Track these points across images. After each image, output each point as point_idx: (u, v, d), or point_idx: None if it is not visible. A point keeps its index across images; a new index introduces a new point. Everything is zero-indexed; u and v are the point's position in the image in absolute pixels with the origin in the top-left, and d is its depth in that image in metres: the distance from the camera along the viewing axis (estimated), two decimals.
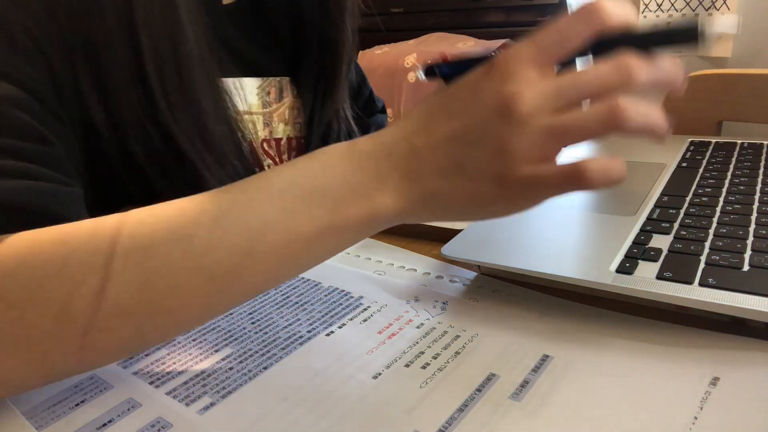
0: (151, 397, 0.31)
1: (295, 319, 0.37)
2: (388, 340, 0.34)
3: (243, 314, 0.38)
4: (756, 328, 0.32)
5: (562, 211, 0.47)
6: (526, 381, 0.30)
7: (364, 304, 0.39)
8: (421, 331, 0.35)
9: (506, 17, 2.11)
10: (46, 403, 0.31)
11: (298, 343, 0.35)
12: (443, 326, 0.36)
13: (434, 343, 0.34)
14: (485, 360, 0.32)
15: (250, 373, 0.32)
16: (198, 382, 0.32)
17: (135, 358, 0.34)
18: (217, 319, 0.37)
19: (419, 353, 0.33)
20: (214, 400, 0.30)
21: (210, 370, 0.32)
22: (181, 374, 0.32)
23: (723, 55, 0.82)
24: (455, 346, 0.33)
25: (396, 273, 0.43)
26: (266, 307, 0.39)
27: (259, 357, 0.33)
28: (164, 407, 0.30)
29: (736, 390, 0.28)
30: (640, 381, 0.29)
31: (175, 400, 0.30)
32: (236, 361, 0.33)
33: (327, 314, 0.38)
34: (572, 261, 0.39)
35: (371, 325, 0.36)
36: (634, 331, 0.34)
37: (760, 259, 0.35)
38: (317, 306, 0.39)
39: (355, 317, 0.37)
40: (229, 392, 0.31)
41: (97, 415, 0.29)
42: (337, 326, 0.36)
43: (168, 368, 0.33)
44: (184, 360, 0.34)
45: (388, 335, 0.35)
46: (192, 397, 0.30)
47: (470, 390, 0.30)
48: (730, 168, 0.53)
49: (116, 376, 0.33)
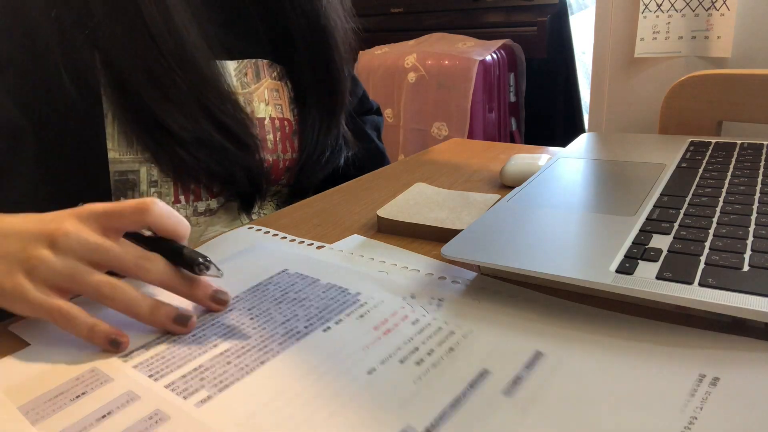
0: (149, 390, 0.31)
1: (292, 314, 0.38)
2: (384, 336, 0.35)
3: (243, 310, 0.39)
4: (756, 328, 0.32)
5: (562, 211, 0.47)
6: (518, 377, 0.30)
7: (361, 300, 0.39)
8: (417, 328, 0.35)
9: (506, 17, 2.11)
10: (46, 395, 0.31)
11: (296, 339, 0.35)
12: (438, 323, 0.36)
13: (429, 340, 0.34)
14: (479, 356, 0.32)
15: (247, 368, 0.32)
16: (196, 375, 0.32)
17: (135, 352, 0.34)
18: (218, 315, 0.38)
19: (414, 349, 0.33)
20: (212, 393, 0.30)
21: (208, 365, 0.33)
22: (180, 368, 0.33)
23: (723, 55, 0.82)
24: (450, 343, 0.34)
25: (399, 272, 0.43)
26: (265, 303, 0.39)
27: (257, 352, 0.34)
28: (162, 400, 0.30)
29: (736, 390, 0.28)
30: (637, 379, 0.29)
31: (173, 393, 0.31)
32: (234, 355, 0.34)
33: (324, 310, 0.38)
34: (572, 261, 0.39)
35: (367, 321, 0.36)
36: (633, 331, 0.34)
37: (760, 259, 0.35)
38: (315, 302, 0.39)
39: (352, 313, 0.37)
40: (226, 386, 0.31)
41: (97, 407, 0.30)
42: (334, 322, 0.37)
43: (167, 362, 0.33)
44: (184, 354, 0.34)
45: (384, 331, 0.35)
46: (190, 390, 0.31)
47: (463, 385, 0.30)
48: (730, 168, 0.53)
49: (117, 369, 0.33)
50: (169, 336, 0.36)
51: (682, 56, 0.86)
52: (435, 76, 1.95)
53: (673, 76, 0.78)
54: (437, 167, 0.72)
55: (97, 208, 0.37)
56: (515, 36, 2.04)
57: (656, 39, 0.87)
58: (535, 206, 0.48)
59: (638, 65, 0.89)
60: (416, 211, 0.52)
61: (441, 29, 2.17)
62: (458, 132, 1.93)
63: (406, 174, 0.69)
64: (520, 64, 2.06)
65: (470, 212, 0.51)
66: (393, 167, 0.74)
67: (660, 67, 0.88)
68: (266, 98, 0.63)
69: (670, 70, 0.87)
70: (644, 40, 0.87)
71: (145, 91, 0.51)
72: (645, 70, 0.89)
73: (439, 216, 0.51)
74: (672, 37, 0.86)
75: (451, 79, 1.92)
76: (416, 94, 2.00)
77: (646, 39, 0.87)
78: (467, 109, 1.90)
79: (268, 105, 0.63)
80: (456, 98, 1.92)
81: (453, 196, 0.56)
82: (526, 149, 0.77)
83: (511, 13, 2.11)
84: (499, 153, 0.76)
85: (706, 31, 0.84)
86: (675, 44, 0.86)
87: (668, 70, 0.87)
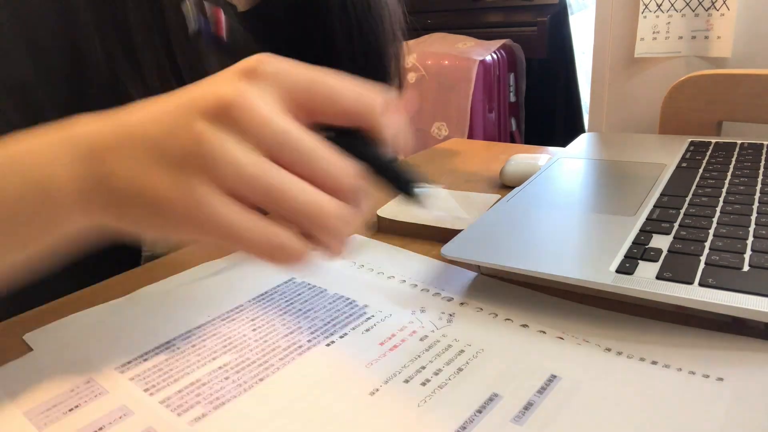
0: (144, 405, 0.30)
1: (296, 327, 0.36)
2: (389, 353, 0.33)
3: (245, 320, 0.37)
4: (756, 328, 0.32)
5: (562, 211, 0.47)
6: (530, 403, 0.28)
7: (368, 313, 0.37)
8: (425, 344, 0.34)
9: (506, 17, 2.11)
10: (44, 405, 0.31)
11: (297, 354, 0.34)
12: (448, 339, 0.34)
13: (437, 358, 0.32)
14: (488, 378, 0.30)
15: (245, 384, 0.31)
16: (192, 391, 0.31)
17: (132, 362, 0.34)
18: (219, 325, 0.37)
19: (420, 368, 0.32)
20: (207, 411, 0.29)
21: (206, 379, 0.32)
22: (176, 381, 0.32)
23: (723, 55, 0.82)
24: (458, 362, 0.32)
25: (399, 273, 0.43)
26: (269, 314, 0.38)
27: (257, 367, 0.33)
28: (156, 417, 0.29)
29: (738, 391, 0.28)
30: (651, 395, 0.29)
31: (167, 410, 0.30)
32: (233, 370, 0.32)
33: (329, 323, 0.37)
34: (572, 261, 0.39)
35: (373, 336, 0.35)
36: (633, 331, 0.34)
37: (760, 259, 0.35)
38: (320, 314, 0.38)
39: (358, 327, 0.36)
40: (222, 403, 0.30)
41: (89, 421, 0.29)
42: (339, 336, 0.35)
43: (164, 375, 0.32)
44: (182, 367, 0.33)
45: (390, 347, 0.34)
46: (185, 407, 0.30)
47: (470, 411, 0.28)
48: (730, 168, 0.53)
49: (113, 381, 0.32)
50: (170, 345, 0.35)
51: (682, 56, 0.86)
52: (435, 76, 1.95)
53: (673, 76, 0.78)
54: (437, 167, 0.72)
55: (298, 76, 0.27)
56: (515, 36, 2.04)
57: (656, 39, 0.87)
58: (535, 206, 0.48)
59: (638, 65, 0.89)
60: (416, 211, 0.52)
61: (441, 29, 2.17)
62: (458, 132, 1.93)
63: None
64: (520, 64, 2.06)
65: (470, 212, 0.51)
66: None
67: (660, 67, 0.88)
68: None
69: (670, 70, 0.87)
70: (644, 40, 0.87)
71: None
72: (645, 70, 0.89)
73: (439, 216, 0.51)
74: (672, 37, 0.86)
75: (451, 79, 1.92)
76: (416, 94, 2.00)
77: (646, 39, 0.87)
78: (467, 109, 1.90)
79: None
80: (456, 98, 1.92)
81: (453, 196, 0.56)
82: (526, 149, 0.77)
83: (511, 13, 2.11)
84: (499, 153, 0.76)
85: (706, 31, 0.83)
86: (675, 44, 0.86)
87: (668, 70, 0.87)
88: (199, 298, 0.41)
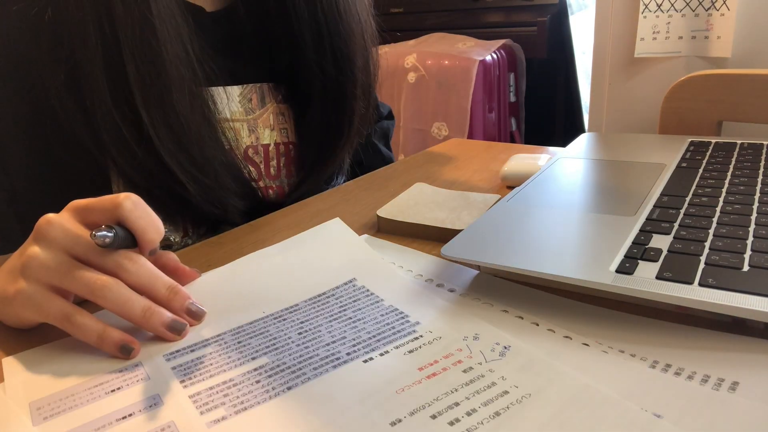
0: (174, 397, 0.31)
1: (340, 336, 0.35)
2: (426, 380, 0.30)
3: (295, 322, 0.37)
4: (756, 328, 0.32)
5: (562, 211, 0.47)
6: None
7: (418, 332, 0.35)
8: (467, 377, 0.30)
9: (506, 17, 2.11)
10: (86, 383, 0.32)
11: (332, 366, 0.32)
12: (494, 376, 0.30)
13: (475, 396, 0.29)
14: (529, 429, 0.26)
15: (273, 391, 0.31)
16: (222, 390, 0.31)
17: (180, 352, 0.35)
18: (270, 323, 0.37)
19: (453, 404, 0.28)
20: (228, 414, 0.29)
21: (238, 380, 0.32)
22: (211, 377, 0.32)
23: (723, 55, 0.82)
24: (498, 404, 0.28)
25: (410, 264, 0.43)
26: (319, 318, 0.37)
27: (289, 374, 0.32)
28: (181, 411, 0.30)
29: (739, 391, 0.28)
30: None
31: (193, 406, 0.30)
32: (266, 374, 0.32)
33: (375, 336, 0.35)
34: (572, 261, 0.39)
35: (414, 359, 0.32)
36: (633, 331, 0.34)
37: (760, 259, 0.35)
38: (368, 325, 0.36)
39: (402, 346, 0.34)
40: (245, 408, 0.30)
41: (124, 405, 0.30)
42: (379, 353, 0.33)
43: (203, 369, 0.33)
44: (221, 363, 0.33)
45: (428, 374, 0.31)
46: (209, 406, 0.30)
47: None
48: (730, 168, 0.53)
49: (157, 368, 0.33)
50: (219, 339, 0.35)
51: (682, 56, 0.86)
52: (435, 76, 1.95)
53: (673, 76, 0.78)
54: (437, 167, 0.72)
55: (78, 203, 0.37)
56: (515, 36, 2.04)
57: (656, 39, 0.87)
58: (535, 206, 0.48)
59: (638, 65, 0.89)
60: (416, 211, 0.52)
61: (441, 29, 2.17)
62: (458, 132, 1.93)
63: (406, 174, 0.69)
64: (520, 64, 2.06)
65: (470, 212, 0.51)
66: (393, 167, 0.74)
67: (660, 67, 0.88)
68: (271, 123, 0.61)
69: (670, 70, 0.87)
70: (644, 40, 0.87)
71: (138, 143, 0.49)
72: (645, 70, 0.89)
73: (439, 216, 0.51)
74: (672, 37, 0.86)
75: (451, 79, 1.92)
76: (416, 94, 2.00)
77: (646, 39, 0.87)
78: (467, 109, 1.90)
79: (273, 130, 0.61)
80: (456, 98, 1.92)
81: (453, 196, 0.56)
82: (526, 149, 0.77)
83: (511, 13, 2.11)
84: (499, 153, 0.76)
85: (706, 31, 0.84)
86: (675, 44, 0.86)
87: (668, 70, 0.87)
88: (260, 292, 0.41)
